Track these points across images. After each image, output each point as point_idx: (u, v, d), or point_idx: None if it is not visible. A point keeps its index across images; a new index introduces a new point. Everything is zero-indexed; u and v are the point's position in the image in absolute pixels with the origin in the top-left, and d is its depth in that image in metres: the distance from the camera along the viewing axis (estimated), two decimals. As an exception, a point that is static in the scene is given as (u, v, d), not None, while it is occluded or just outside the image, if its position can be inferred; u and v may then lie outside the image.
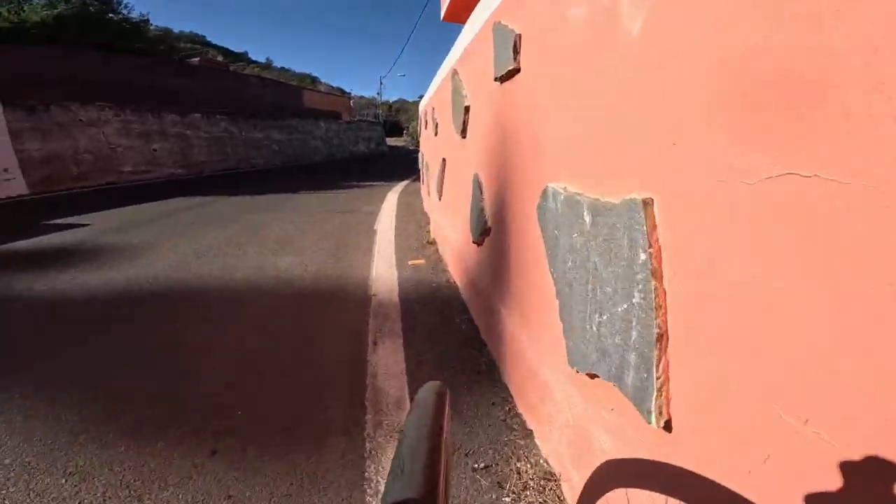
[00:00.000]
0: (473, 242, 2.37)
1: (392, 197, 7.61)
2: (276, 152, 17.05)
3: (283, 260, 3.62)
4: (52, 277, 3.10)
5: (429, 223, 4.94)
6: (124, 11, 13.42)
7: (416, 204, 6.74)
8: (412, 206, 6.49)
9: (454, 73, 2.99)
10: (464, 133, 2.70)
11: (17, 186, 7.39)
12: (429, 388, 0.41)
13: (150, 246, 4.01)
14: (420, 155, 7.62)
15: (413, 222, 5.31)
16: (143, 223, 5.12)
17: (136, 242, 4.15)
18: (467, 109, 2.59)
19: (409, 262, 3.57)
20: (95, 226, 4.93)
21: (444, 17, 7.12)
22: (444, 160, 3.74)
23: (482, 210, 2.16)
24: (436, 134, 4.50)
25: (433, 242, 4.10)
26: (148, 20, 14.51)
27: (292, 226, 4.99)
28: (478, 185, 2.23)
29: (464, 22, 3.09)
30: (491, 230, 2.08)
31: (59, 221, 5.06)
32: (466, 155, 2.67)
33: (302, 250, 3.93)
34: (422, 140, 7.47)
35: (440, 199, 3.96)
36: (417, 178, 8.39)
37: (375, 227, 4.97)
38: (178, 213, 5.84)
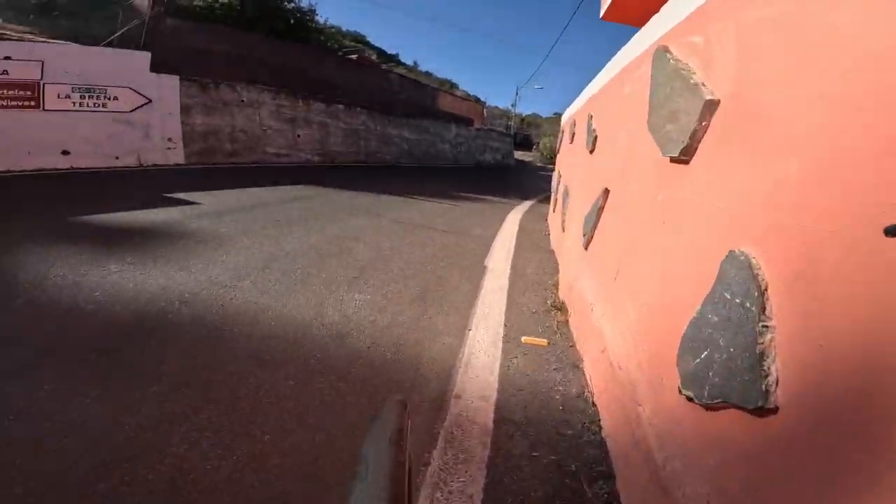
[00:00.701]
0: (692, 398, 1.04)
1: (512, 220, 6.35)
2: (405, 151, 17.12)
3: (353, 297, 2.66)
4: (97, 267, 2.59)
5: (557, 271, 3.61)
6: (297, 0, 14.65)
7: (543, 233, 5.41)
8: (536, 237, 5.18)
9: (662, 52, 1.67)
10: (685, 154, 1.37)
11: (176, 156, 8.07)
12: (389, 402, 0.41)
13: (227, 243, 3.44)
14: (555, 174, 6.27)
15: (536, 262, 4.02)
16: (247, 210, 4.77)
17: (222, 233, 3.67)
18: (710, 107, 1.26)
19: (524, 340, 2.33)
20: (203, 206, 4.71)
21: (603, 16, 5.66)
22: (606, 191, 2.41)
23: (761, 355, 0.82)
24: (592, 150, 3.16)
25: (561, 308, 2.77)
26: (315, 11, 15.71)
27: (388, 242, 4.11)
28: (752, 288, 0.89)
29: (629, 21, 1.80)
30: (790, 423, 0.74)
31: (176, 195, 4.99)
32: (695, 200, 1.33)
33: (383, 284, 2.95)
34: (560, 156, 6.11)
35: (587, 248, 2.63)
36: (546, 200, 7.03)
37: (486, 263, 3.79)
38: (286, 204, 5.47)
